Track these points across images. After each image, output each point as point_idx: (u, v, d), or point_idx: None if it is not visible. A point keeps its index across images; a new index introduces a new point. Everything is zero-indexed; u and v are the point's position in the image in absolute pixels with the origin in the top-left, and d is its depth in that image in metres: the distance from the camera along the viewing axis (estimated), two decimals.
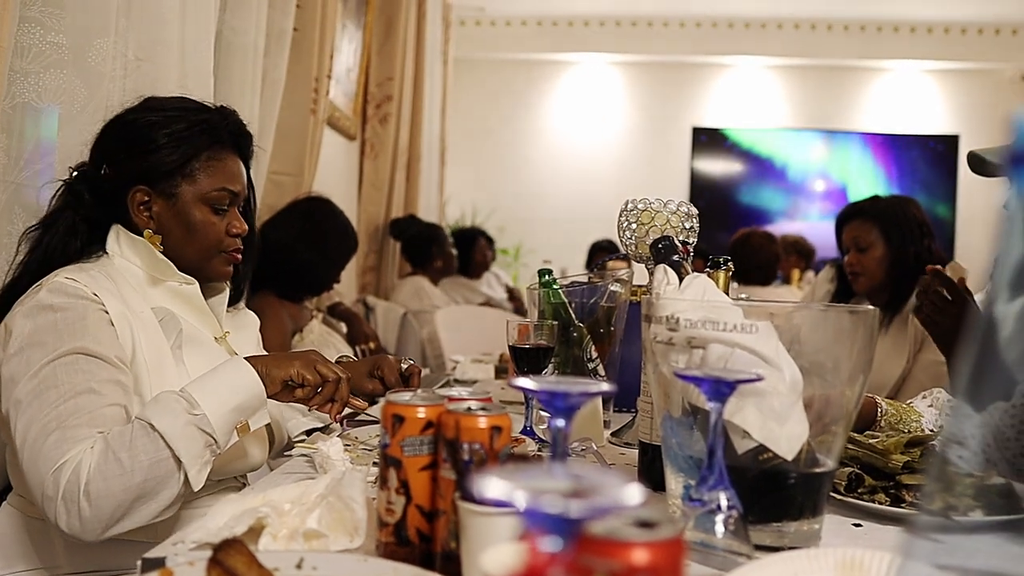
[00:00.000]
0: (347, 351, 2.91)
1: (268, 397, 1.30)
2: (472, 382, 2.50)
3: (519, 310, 5.10)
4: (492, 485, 0.44)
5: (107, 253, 1.43)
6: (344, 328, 3.15)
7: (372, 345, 3.13)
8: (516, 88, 7.99)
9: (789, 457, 0.98)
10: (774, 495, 0.99)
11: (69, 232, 1.43)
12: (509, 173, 7.93)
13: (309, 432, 1.63)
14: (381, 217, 4.70)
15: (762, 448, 0.99)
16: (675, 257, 1.21)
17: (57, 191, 1.46)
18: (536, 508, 0.46)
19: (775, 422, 0.99)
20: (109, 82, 1.88)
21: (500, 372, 2.65)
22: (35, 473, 1.16)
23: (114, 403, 1.22)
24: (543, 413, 1.71)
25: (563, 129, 8.02)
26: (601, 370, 1.85)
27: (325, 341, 2.82)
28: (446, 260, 4.65)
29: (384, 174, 4.68)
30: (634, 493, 0.47)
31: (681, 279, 1.15)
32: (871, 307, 1.03)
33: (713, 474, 0.89)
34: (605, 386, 0.74)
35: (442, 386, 2.46)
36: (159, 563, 0.93)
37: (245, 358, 1.31)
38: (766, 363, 0.99)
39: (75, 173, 1.47)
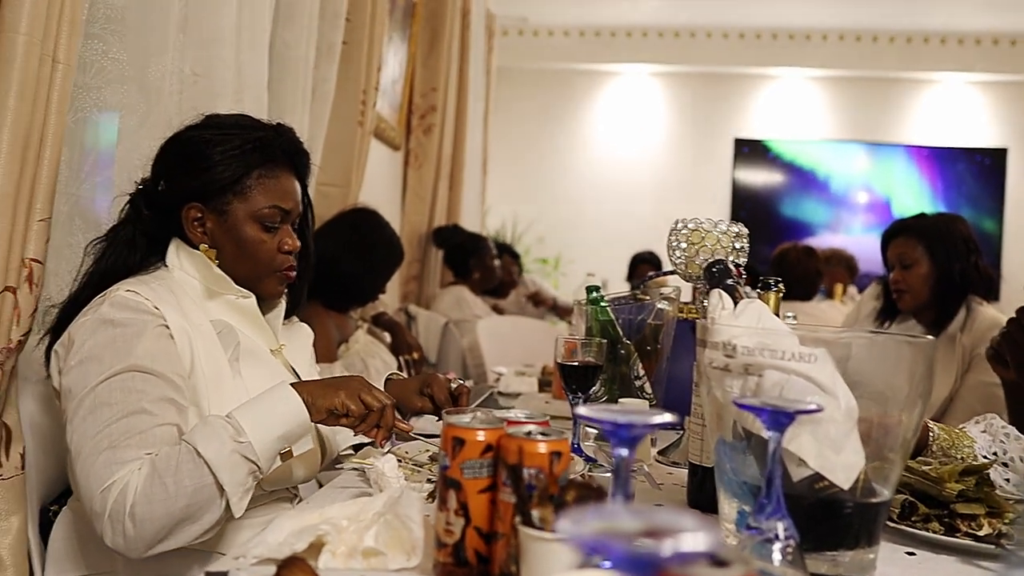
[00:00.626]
0: (391, 361, 2.93)
1: (313, 422, 1.33)
2: (516, 395, 2.51)
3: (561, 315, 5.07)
4: (569, 524, 0.45)
5: (167, 265, 1.46)
6: (388, 338, 3.17)
7: (416, 355, 3.15)
8: (558, 98, 8.00)
9: (846, 486, 0.98)
10: (830, 524, 0.99)
11: (129, 245, 1.46)
12: (550, 183, 7.94)
13: (357, 447, 1.64)
14: (424, 226, 4.73)
15: (818, 476, 0.99)
16: (729, 281, 1.22)
17: (124, 205, 1.49)
18: (613, 548, 0.47)
19: (831, 450, 0.99)
20: (167, 97, 1.92)
21: (543, 385, 2.65)
22: (85, 488, 1.20)
23: (165, 423, 1.25)
24: (590, 430, 1.71)
25: (604, 139, 8.01)
26: (648, 388, 1.84)
27: (370, 351, 2.84)
28: (484, 273, 4.63)
29: (428, 184, 4.72)
30: (708, 536, 0.47)
31: (736, 303, 1.16)
32: (930, 337, 1.03)
33: (771, 502, 0.89)
34: (668, 417, 0.75)
35: (486, 399, 2.47)
36: None
37: (292, 384, 1.33)
38: (822, 391, 0.99)
39: (140, 187, 1.50)
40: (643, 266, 6.16)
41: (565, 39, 7.76)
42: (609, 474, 1.36)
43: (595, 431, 1.73)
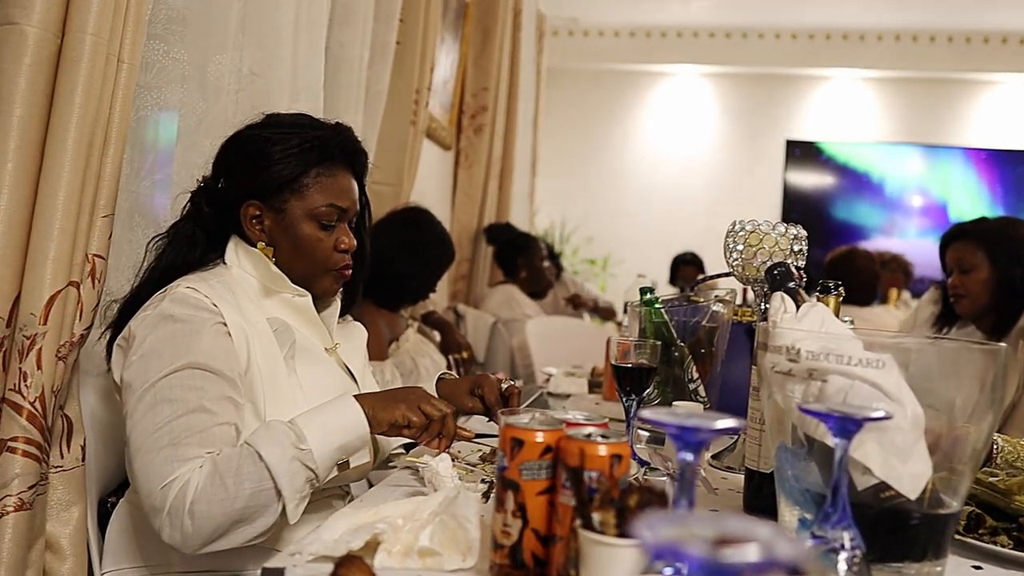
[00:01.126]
0: (440, 360, 2.93)
1: (374, 434, 1.33)
2: (566, 396, 2.50)
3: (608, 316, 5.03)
4: (648, 531, 0.44)
5: (225, 263, 1.48)
6: (437, 337, 3.18)
7: (465, 354, 3.15)
8: (607, 99, 7.97)
9: (912, 496, 0.95)
10: (896, 535, 0.97)
11: (189, 242, 1.47)
12: (599, 183, 7.91)
13: (408, 445, 1.64)
14: (473, 226, 4.74)
15: (883, 485, 0.96)
16: (791, 284, 1.19)
17: (185, 203, 1.51)
18: (690, 556, 0.46)
19: (897, 459, 0.97)
20: (225, 96, 1.94)
21: (593, 386, 2.64)
22: (145, 484, 1.21)
23: (224, 422, 1.26)
24: (642, 432, 1.70)
25: (654, 140, 7.96)
26: (702, 391, 1.83)
27: (420, 350, 2.85)
28: (532, 273, 4.60)
29: (478, 184, 4.72)
30: (790, 545, 0.46)
31: (798, 306, 1.14)
32: (1002, 344, 1.00)
33: (836, 511, 0.87)
34: (733, 422, 0.73)
35: (535, 400, 2.46)
36: (279, 575, 0.96)
37: (354, 396, 1.33)
38: (888, 398, 0.97)
39: (201, 184, 1.52)
40: (685, 267, 6.10)
41: (615, 39, 7.73)
42: (664, 477, 1.34)
43: (647, 433, 1.72)
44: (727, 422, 0.70)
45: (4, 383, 1.33)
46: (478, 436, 1.63)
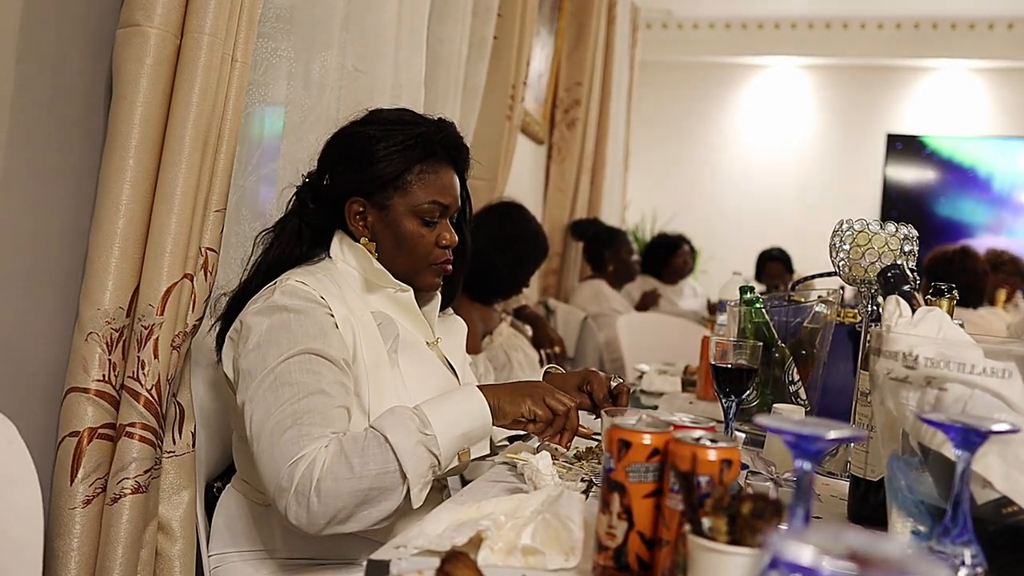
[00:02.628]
0: (532, 354, 2.94)
1: (498, 426, 1.34)
2: (659, 394, 2.48)
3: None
4: (792, 550, 0.43)
5: (330, 257, 1.50)
6: (529, 331, 3.18)
7: (557, 349, 3.15)
8: (702, 92, 7.85)
9: None
10: (1018, 552, 0.93)
11: (295, 237, 1.51)
12: (691, 178, 7.80)
13: (511, 439, 1.65)
14: (565, 220, 4.74)
15: (1005, 500, 0.93)
16: (906, 287, 1.16)
17: (291, 198, 1.55)
18: (822, 573, 0.45)
19: (1020, 473, 0.93)
20: (329, 92, 1.98)
21: (686, 385, 2.61)
22: (271, 464, 1.22)
23: (341, 405, 1.28)
24: (739, 434, 1.67)
25: (749, 134, 7.81)
26: (802, 393, 1.78)
27: (512, 344, 2.86)
28: (619, 265, 4.58)
29: (570, 178, 4.72)
30: (928, 566, 0.45)
31: (913, 310, 1.10)
32: None
33: (957, 526, 0.84)
34: (849, 431, 0.71)
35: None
36: (384, 567, 0.97)
37: (479, 387, 1.35)
38: (1012, 409, 0.93)
39: (306, 180, 1.55)
40: (772, 264, 5.96)
41: (710, 31, 7.60)
42: (767, 483, 1.32)
43: (744, 435, 1.69)
44: (845, 431, 0.68)
45: (124, 371, 1.39)
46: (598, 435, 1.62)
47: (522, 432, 1.46)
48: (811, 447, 0.69)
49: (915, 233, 1.53)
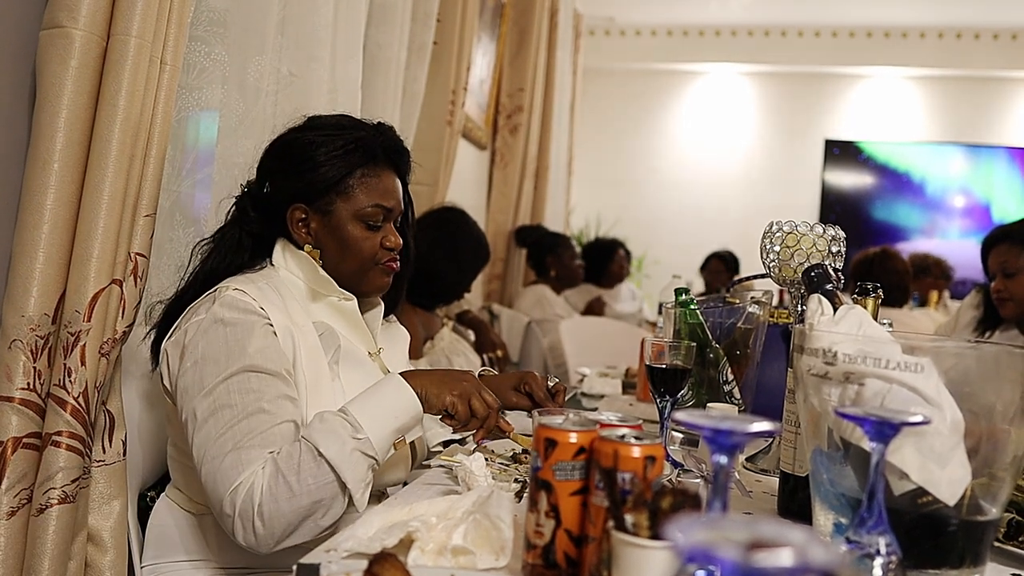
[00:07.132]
0: (475, 359, 2.95)
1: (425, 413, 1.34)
2: (600, 397, 2.50)
3: None
4: (676, 531, 0.44)
5: (273, 265, 1.49)
6: (472, 336, 3.19)
7: (499, 353, 3.16)
8: (644, 98, 7.95)
9: (950, 502, 0.94)
10: (933, 541, 0.96)
11: (235, 246, 1.48)
12: (634, 183, 7.89)
13: (446, 443, 1.65)
14: (509, 226, 4.75)
15: (921, 491, 0.96)
16: (828, 286, 1.19)
17: (230, 208, 1.52)
18: (725, 560, 0.46)
19: (935, 464, 0.96)
20: (264, 97, 1.97)
21: (627, 387, 2.63)
22: (214, 491, 1.22)
23: (284, 420, 1.27)
24: (676, 434, 1.69)
25: (691, 140, 7.92)
26: (737, 393, 1.82)
27: (454, 348, 2.86)
28: (562, 271, 4.61)
29: (513, 183, 4.73)
30: (826, 551, 0.46)
31: (835, 308, 1.13)
32: None
33: (872, 516, 0.86)
34: (769, 425, 0.73)
35: (569, 400, 2.46)
36: (314, 571, 0.97)
37: (402, 374, 1.34)
38: (927, 402, 0.96)
39: (245, 189, 1.53)
40: (714, 261, 6.04)
41: (652, 38, 7.70)
42: (698, 480, 1.34)
43: (681, 435, 1.71)
44: (762, 425, 0.70)
45: (50, 378, 1.36)
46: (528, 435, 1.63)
47: (457, 437, 1.47)
48: (727, 441, 0.70)
49: (842, 234, 1.57)
